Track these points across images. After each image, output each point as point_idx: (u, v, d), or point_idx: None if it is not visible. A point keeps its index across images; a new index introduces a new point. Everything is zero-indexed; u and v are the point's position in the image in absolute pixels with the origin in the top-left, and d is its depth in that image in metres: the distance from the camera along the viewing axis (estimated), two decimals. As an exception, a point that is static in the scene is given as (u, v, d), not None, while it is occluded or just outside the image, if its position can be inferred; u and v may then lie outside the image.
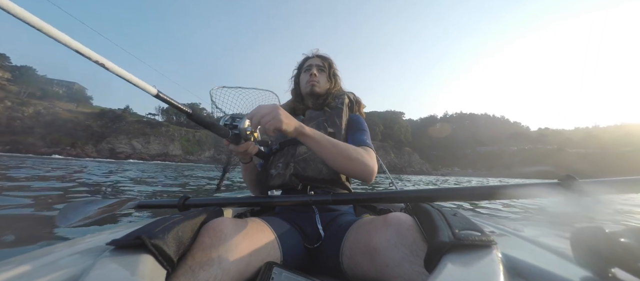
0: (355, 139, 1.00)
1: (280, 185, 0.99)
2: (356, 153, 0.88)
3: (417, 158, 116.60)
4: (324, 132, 0.98)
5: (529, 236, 0.59)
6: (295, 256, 0.75)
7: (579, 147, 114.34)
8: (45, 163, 13.54)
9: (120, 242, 0.46)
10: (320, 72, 1.14)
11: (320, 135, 0.83)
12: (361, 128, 1.05)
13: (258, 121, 0.75)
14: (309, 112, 1.09)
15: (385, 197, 0.75)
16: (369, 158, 0.90)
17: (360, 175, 0.89)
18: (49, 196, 3.22)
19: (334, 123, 1.03)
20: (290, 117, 0.77)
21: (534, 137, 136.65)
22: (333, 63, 1.19)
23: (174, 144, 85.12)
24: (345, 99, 1.11)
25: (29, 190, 3.59)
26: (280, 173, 0.98)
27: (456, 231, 0.45)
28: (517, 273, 0.45)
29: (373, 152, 0.96)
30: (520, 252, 0.48)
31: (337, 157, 0.84)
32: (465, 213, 0.59)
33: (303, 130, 0.79)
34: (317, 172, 0.94)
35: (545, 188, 0.54)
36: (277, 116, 0.74)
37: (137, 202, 0.90)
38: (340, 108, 1.08)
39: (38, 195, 3.16)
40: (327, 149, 0.82)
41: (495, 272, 0.38)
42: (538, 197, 0.54)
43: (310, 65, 1.14)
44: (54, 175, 6.33)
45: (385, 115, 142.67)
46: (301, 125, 0.79)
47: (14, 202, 2.65)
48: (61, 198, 3.17)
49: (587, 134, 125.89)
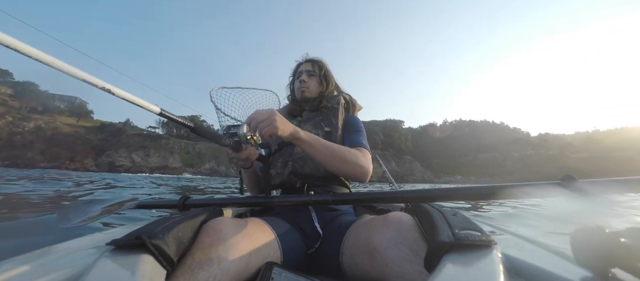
0: (351, 140, 1.02)
1: (280, 184, 1.01)
2: (351, 155, 0.89)
3: (418, 166, 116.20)
4: (321, 131, 1.02)
5: (529, 236, 0.59)
6: (295, 256, 0.75)
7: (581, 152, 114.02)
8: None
9: (120, 242, 0.46)
10: (310, 76, 1.17)
11: (315, 139, 0.85)
12: (357, 129, 1.07)
13: (255, 126, 0.77)
14: (306, 113, 1.12)
15: (385, 197, 0.75)
16: (364, 160, 0.92)
17: (355, 176, 0.91)
18: (49, 197, 3.19)
19: (330, 122, 1.06)
20: (286, 122, 0.80)
21: (535, 142, 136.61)
22: (324, 65, 1.21)
23: (173, 157, 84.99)
24: (341, 100, 1.14)
25: (29, 192, 3.56)
26: (279, 173, 1.01)
27: (456, 231, 0.45)
28: (517, 273, 0.44)
29: (368, 153, 0.98)
30: (520, 252, 0.48)
31: (331, 159, 0.86)
32: (465, 213, 0.59)
33: (298, 135, 0.81)
34: (314, 169, 0.96)
35: (545, 188, 0.54)
36: (273, 122, 0.76)
37: (137, 202, 0.91)
38: (337, 108, 1.10)
39: (38, 196, 3.12)
40: (321, 153, 0.85)
41: (495, 272, 0.38)
42: (538, 197, 0.54)
43: (301, 71, 1.18)
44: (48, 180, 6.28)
45: (385, 124, 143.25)
46: (296, 130, 0.82)
47: (14, 201, 2.62)
48: (61, 199, 3.14)
49: (588, 138, 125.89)
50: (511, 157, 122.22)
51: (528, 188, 0.56)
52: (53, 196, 3.75)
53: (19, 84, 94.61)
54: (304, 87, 1.15)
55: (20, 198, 3.50)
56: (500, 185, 0.60)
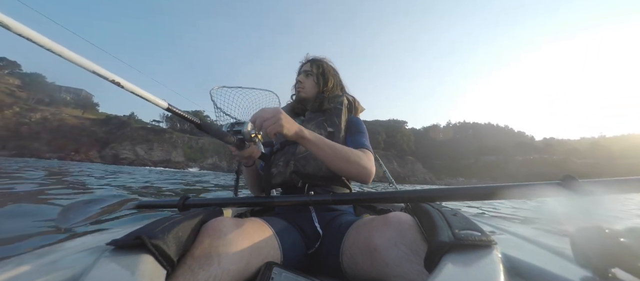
0: (354, 141, 1.02)
1: (281, 183, 1.01)
2: (354, 156, 0.90)
3: (420, 167, 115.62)
4: (323, 131, 1.02)
5: (529, 236, 0.59)
6: (295, 256, 0.75)
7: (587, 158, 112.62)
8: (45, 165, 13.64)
9: (120, 242, 0.47)
10: (306, 76, 1.17)
11: (319, 139, 0.85)
12: (360, 130, 1.07)
13: (260, 124, 0.78)
14: (309, 113, 1.12)
15: (385, 197, 0.75)
16: (367, 161, 0.92)
17: (358, 177, 0.91)
18: (50, 195, 3.23)
19: (333, 122, 1.06)
20: (291, 121, 0.80)
21: (539, 146, 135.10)
22: (323, 64, 1.20)
23: (176, 151, 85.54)
24: (344, 100, 1.14)
25: (31, 189, 3.62)
26: (280, 172, 1.01)
27: (456, 231, 0.45)
28: (517, 273, 0.44)
29: (371, 154, 0.98)
30: (520, 252, 0.48)
31: (335, 160, 0.86)
32: (465, 213, 0.59)
33: (303, 134, 0.82)
34: (316, 169, 0.96)
35: (545, 188, 0.54)
36: (278, 120, 0.76)
37: (137, 202, 0.91)
38: (340, 108, 1.10)
39: (39, 194, 3.17)
40: (325, 152, 0.85)
41: (495, 272, 0.38)
42: (538, 197, 0.54)
43: (300, 71, 1.20)
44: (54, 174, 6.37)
45: (388, 124, 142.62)
46: (301, 129, 0.82)
47: (14, 201, 2.66)
48: (62, 197, 3.18)
49: (594, 144, 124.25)
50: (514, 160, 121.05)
51: (528, 188, 0.56)
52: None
53: (26, 75, 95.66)
54: (299, 88, 1.17)
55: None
56: (500, 185, 0.60)
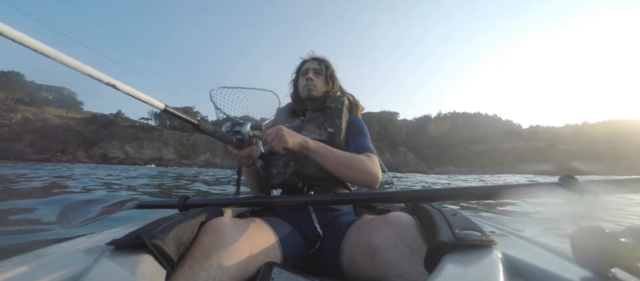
0: (357, 144, 1.01)
1: (281, 184, 1.01)
2: (358, 162, 0.90)
3: (412, 157, 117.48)
4: (324, 132, 1.02)
5: (529, 236, 0.60)
6: (296, 257, 0.75)
7: (570, 143, 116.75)
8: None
9: (120, 242, 0.47)
10: (317, 75, 1.14)
11: (323, 148, 0.87)
12: (362, 132, 1.06)
13: (268, 144, 0.82)
14: (309, 113, 1.11)
15: (385, 197, 0.75)
16: (372, 166, 0.92)
17: (363, 183, 0.91)
18: (48, 196, 3.14)
19: (333, 123, 1.05)
20: (293, 134, 0.82)
21: (525, 134, 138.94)
22: (330, 65, 1.19)
23: (168, 148, 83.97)
24: (345, 100, 1.13)
25: (27, 190, 3.50)
26: (281, 172, 1.00)
27: (456, 231, 0.45)
28: (517, 273, 0.45)
29: (376, 157, 0.98)
30: (520, 252, 0.49)
31: (340, 168, 0.87)
32: (465, 213, 0.59)
33: (307, 145, 0.85)
34: (316, 170, 0.96)
35: (545, 189, 0.55)
36: (282, 137, 0.79)
37: (137, 202, 0.91)
38: (341, 109, 1.10)
39: (37, 195, 3.08)
40: (330, 161, 0.87)
41: (495, 272, 0.38)
42: (538, 197, 0.54)
43: (307, 69, 1.15)
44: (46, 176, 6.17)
45: (380, 116, 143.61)
46: (305, 140, 0.85)
47: (14, 201, 2.58)
48: (60, 198, 3.09)
49: (577, 130, 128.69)
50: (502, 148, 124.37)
51: (528, 188, 0.56)
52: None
53: (3, 74, 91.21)
54: (311, 85, 1.11)
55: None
56: (500, 185, 0.60)
